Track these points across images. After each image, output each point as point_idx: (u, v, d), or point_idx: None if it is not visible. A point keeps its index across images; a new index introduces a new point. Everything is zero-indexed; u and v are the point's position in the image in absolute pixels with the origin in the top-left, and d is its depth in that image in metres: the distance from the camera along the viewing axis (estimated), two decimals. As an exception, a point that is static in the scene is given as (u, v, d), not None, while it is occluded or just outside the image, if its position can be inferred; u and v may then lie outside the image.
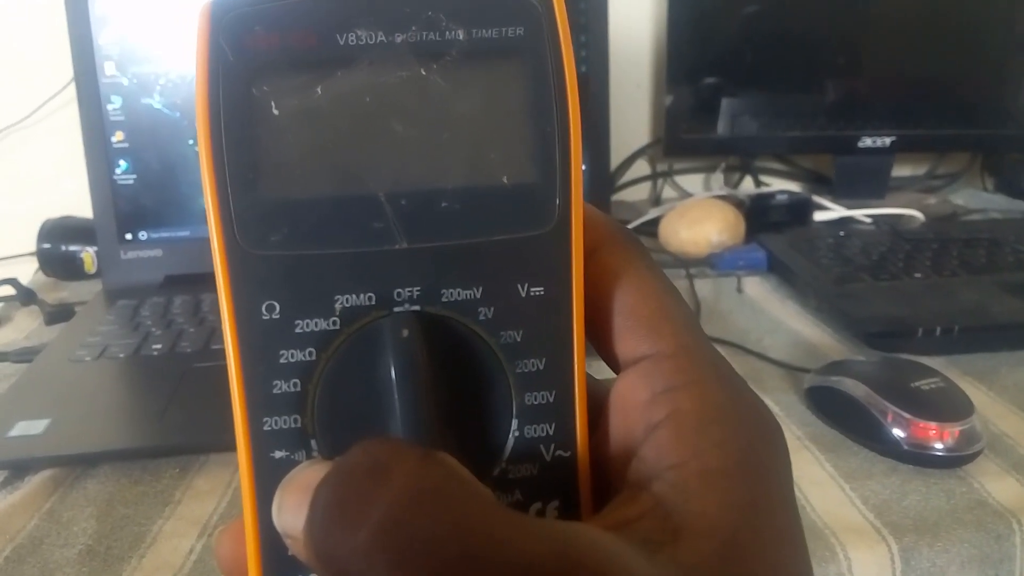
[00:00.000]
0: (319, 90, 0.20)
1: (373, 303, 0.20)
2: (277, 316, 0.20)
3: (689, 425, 0.19)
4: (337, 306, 0.20)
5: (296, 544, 0.18)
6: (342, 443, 0.19)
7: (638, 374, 0.21)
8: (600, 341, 0.22)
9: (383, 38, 0.20)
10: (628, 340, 0.21)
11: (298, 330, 0.20)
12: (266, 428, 0.20)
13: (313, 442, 0.20)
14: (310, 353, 0.20)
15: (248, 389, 0.20)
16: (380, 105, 0.20)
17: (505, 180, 0.20)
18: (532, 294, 0.21)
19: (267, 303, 0.20)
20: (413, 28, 0.20)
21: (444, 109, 0.20)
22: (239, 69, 0.20)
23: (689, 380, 0.20)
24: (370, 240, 0.20)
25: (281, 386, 0.20)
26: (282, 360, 0.20)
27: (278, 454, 0.20)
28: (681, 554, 0.17)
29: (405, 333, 0.19)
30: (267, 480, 0.20)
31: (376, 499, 0.15)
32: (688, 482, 0.18)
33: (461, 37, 0.20)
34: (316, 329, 0.20)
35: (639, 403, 0.20)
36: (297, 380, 0.20)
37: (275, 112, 0.20)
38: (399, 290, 0.20)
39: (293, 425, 0.20)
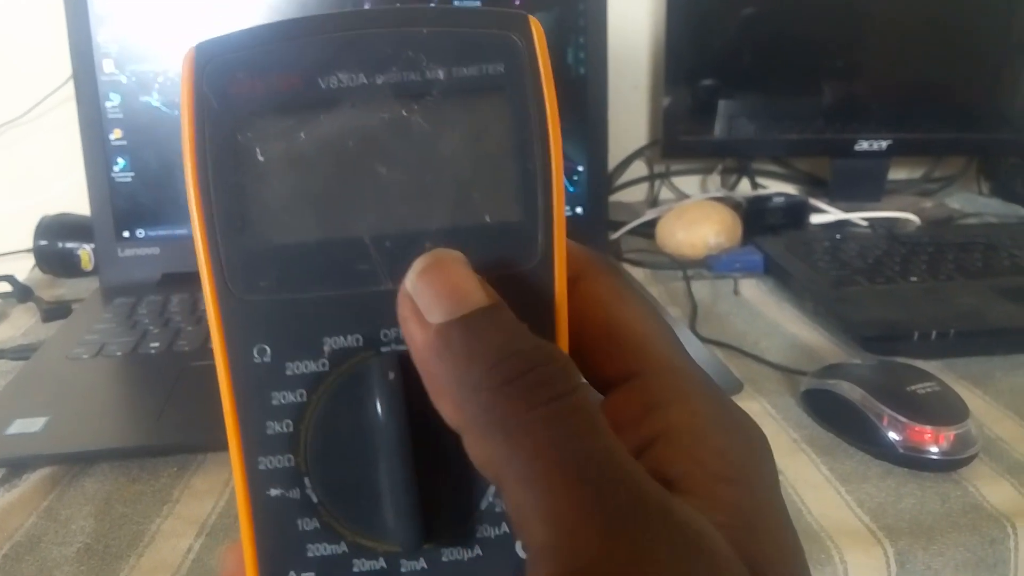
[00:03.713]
0: (303, 135, 0.20)
1: (360, 344, 0.20)
2: (268, 359, 0.20)
3: (686, 437, 0.20)
4: (326, 348, 0.20)
5: (415, 329, 0.19)
6: (334, 481, 0.20)
7: (628, 393, 0.21)
8: (586, 365, 0.22)
9: (364, 80, 0.20)
10: (615, 361, 0.22)
11: (289, 372, 0.20)
12: (261, 467, 0.20)
13: (306, 479, 0.20)
14: (301, 394, 0.20)
15: (243, 430, 0.20)
16: (363, 148, 0.20)
17: (488, 219, 0.21)
18: None
19: (258, 347, 0.20)
20: (394, 69, 0.20)
21: (426, 150, 0.20)
22: (224, 116, 0.20)
23: (679, 396, 0.21)
24: (356, 282, 0.20)
25: (274, 427, 0.20)
26: (274, 402, 0.20)
27: (273, 492, 0.20)
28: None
29: (391, 376, 0.20)
30: (264, 517, 0.20)
31: (552, 392, 0.17)
32: (697, 488, 0.19)
33: (441, 76, 0.20)
34: (306, 371, 0.20)
35: (631, 420, 0.21)
36: (289, 421, 0.20)
37: (260, 158, 0.20)
38: (385, 331, 0.20)
39: (287, 464, 0.20)
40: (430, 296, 0.19)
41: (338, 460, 0.20)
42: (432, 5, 0.21)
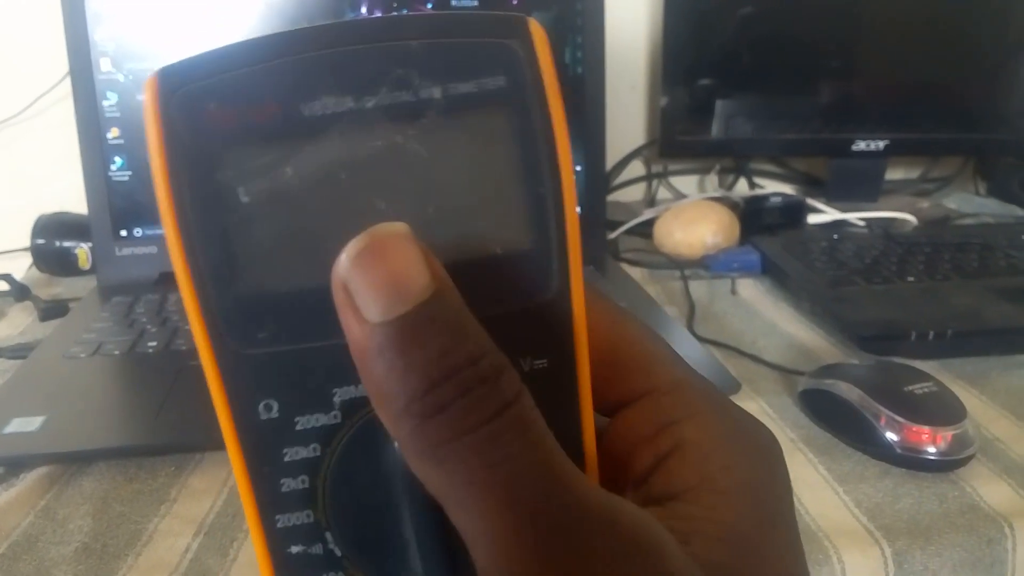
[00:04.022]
0: (289, 170, 0.18)
1: None
2: (276, 415, 0.19)
3: (696, 453, 0.20)
4: (336, 399, 0.19)
5: (350, 320, 0.17)
6: (358, 533, 0.19)
7: (639, 411, 0.21)
8: (594, 389, 0.22)
9: (352, 104, 0.18)
10: (623, 382, 0.22)
11: (299, 427, 0.19)
12: (279, 525, 0.20)
13: (328, 534, 0.20)
14: (314, 449, 0.19)
15: (256, 489, 0.19)
16: (357, 181, 0.18)
17: (499, 251, 0.19)
18: (536, 367, 0.20)
19: (264, 403, 0.19)
20: (384, 90, 0.18)
21: (426, 179, 0.19)
22: (198, 154, 0.18)
23: (690, 413, 0.21)
24: None
25: (289, 484, 0.19)
26: (287, 458, 0.19)
27: (295, 549, 0.20)
28: (699, 553, 0.18)
29: None
30: (286, 571, 0.20)
31: (485, 407, 0.17)
32: (701, 499, 0.19)
33: (437, 95, 0.18)
34: (318, 424, 0.19)
35: (644, 437, 0.21)
36: (305, 476, 0.19)
37: (244, 199, 0.18)
38: None
39: (307, 520, 0.20)
40: (365, 287, 0.16)
41: (359, 511, 0.20)
42: (425, 10, 0.18)
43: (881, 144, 1.04)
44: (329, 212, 0.18)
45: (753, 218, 0.93)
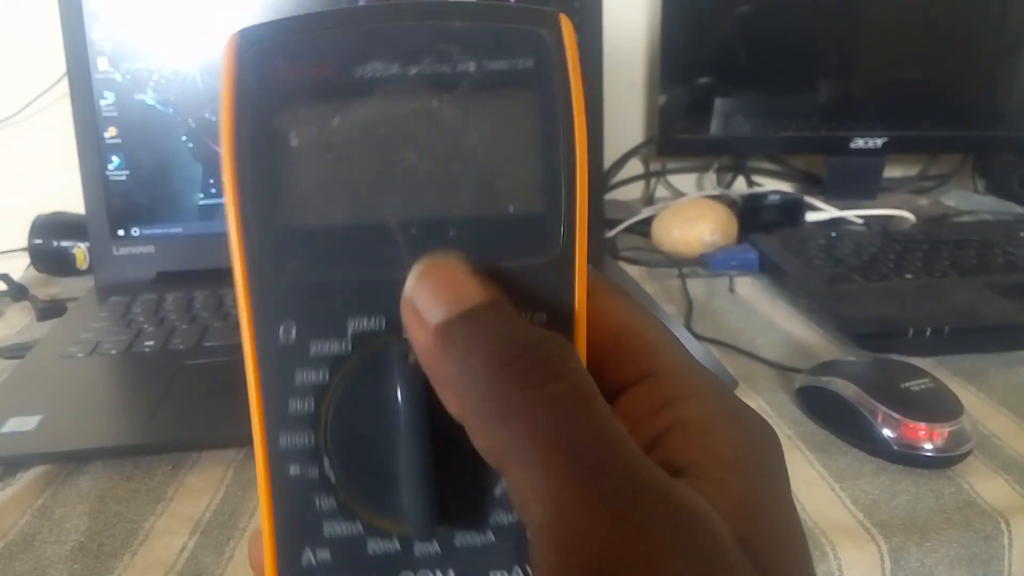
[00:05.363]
0: (335, 121, 0.21)
1: (383, 327, 0.21)
2: (294, 338, 0.21)
3: (698, 428, 0.21)
4: (350, 329, 0.21)
5: (417, 329, 0.19)
6: (353, 461, 0.21)
7: (641, 392, 0.22)
8: (598, 372, 0.22)
9: (398, 70, 0.21)
10: (627, 365, 0.22)
11: (313, 352, 0.21)
12: (282, 445, 0.21)
13: (326, 458, 0.21)
14: (323, 374, 0.21)
15: (266, 407, 0.21)
16: (393, 135, 0.21)
17: (512, 209, 0.21)
18: (535, 320, 0.21)
19: (285, 326, 0.21)
20: (426, 60, 0.21)
21: (454, 140, 0.21)
22: (261, 101, 0.21)
23: (690, 393, 0.21)
24: (382, 266, 0.21)
25: (296, 406, 0.21)
26: (297, 380, 0.21)
27: (293, 470, 0.21)
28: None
29: (412, 359, 0.20)
30: (283, 495, 0.21)
31: (548, 375, 0.18)
32: (708, 473, 0.19)
33: (472, 69, 0.21)
34: (330, 352, 0.21)
35: (645, 415, 0.21)
36: (311, 399, 0.21)
37: (294, 143, 0.21)
38: None
39: (307, 443, 0.21)
40: (429, 297, 0.19)
41: (357, 440, 0.21)
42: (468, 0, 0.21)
43: (879, 142, 1.04)
44: (365, 160, 0.21)
45: (751, 216, 0.93)
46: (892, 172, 1.15)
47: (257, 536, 0.22)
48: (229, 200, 0.21)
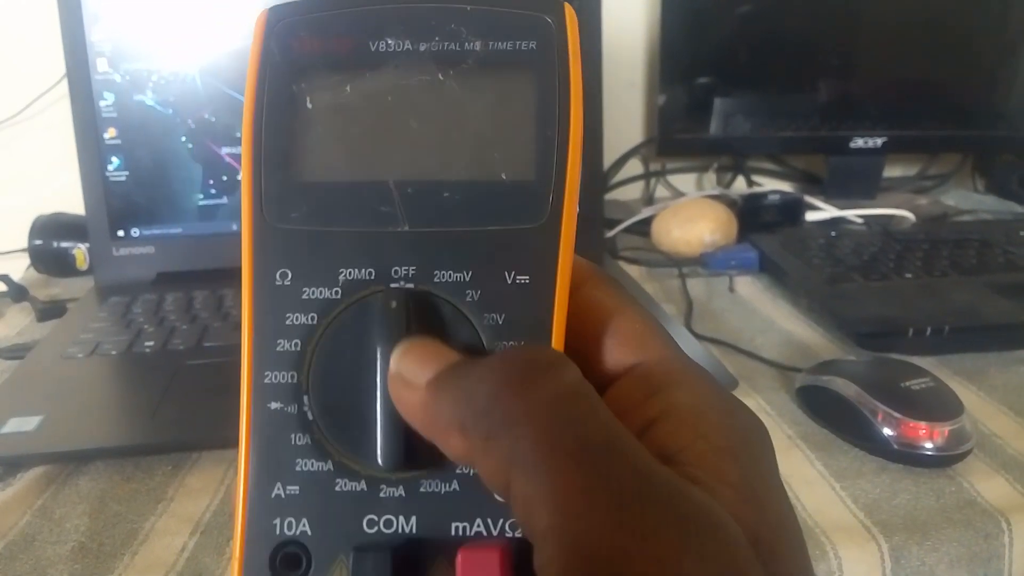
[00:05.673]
0: (348, 88, 0.23)
1: (372, 278, 0.22)
2: (288, 282, 0.22)
3: (688, 414, 0.21)
4: (340, 278, 0.22)
5: (409, 395, 0.20)
6: (331, 402, 0.22)
7: (631, 380, 0.22)
8: (587, 363, 0.23)
9: (409, 46, 0.23)
10: (617, 353, 0.23)
11: (304, 296, 0.22)
12: (266, 381, 0.22)
13: (306, 397, 0.22)
14: (312, 317, 0.22)
15: (256, 345, 0.22)
16: (399, 104, 0.23)
17: (504, 177, 0.22)
18: (518, 282, 0.22)
19: (281, 270, 0.22)
20: (436, 38, 0.23)
21: (456, 110, 0.23)
22: (283, 68, 0.23)
23: (680, 380, 0.22)
24: (377, 221, 0.22)
25: (284, 345, 0.22)
26: (288, 321, 0.22)
27: (274, 405, 0.22)
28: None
29: (394, 304, 0.21)
30: (262, 429, 0.22)
31: (545, 383, 0.18)
32: (703, 459, 0.19)
33: (478, 48, 0.23)
34: (320, 296, 0.22)
35: (634, 404, 0.21)
36: (298, 340, 0.22)
37: (309, 106, 0.23)
38: (396, 268, 0.22)
39: (290, 380, 0.22)
40: (415, 365, 0.20)
41: (337, 382, 0.22)
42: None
43: (879, 141, 1.04)
44: (371, 124, 0.23)
45: (751, 216, 0.93)
46: (892, 172, 1.15)
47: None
48: (245, 153, 0.23)
